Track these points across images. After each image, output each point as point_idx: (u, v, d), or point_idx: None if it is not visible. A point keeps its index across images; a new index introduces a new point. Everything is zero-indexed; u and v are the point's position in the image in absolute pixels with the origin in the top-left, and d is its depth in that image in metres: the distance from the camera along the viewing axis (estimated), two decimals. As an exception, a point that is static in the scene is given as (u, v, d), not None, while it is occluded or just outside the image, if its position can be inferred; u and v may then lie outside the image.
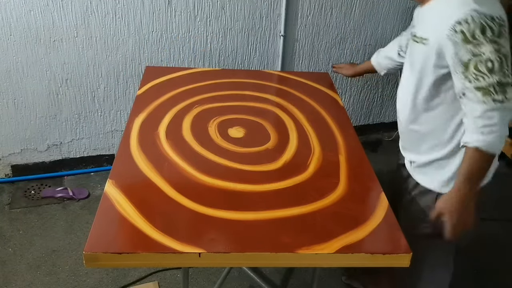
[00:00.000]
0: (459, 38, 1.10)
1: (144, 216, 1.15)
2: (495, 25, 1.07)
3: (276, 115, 1.69)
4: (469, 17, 1.08)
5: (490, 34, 1.07)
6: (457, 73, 1.13)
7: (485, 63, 1.08)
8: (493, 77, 1.08)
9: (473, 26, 1.07)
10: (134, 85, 2.45)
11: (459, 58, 1.11)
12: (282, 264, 1.41)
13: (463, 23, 1.08)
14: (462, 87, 1.14)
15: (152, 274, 1.99)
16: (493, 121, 1.10)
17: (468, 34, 1.08)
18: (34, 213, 2.29)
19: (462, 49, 1.10)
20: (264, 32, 2.53)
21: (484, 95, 1.09)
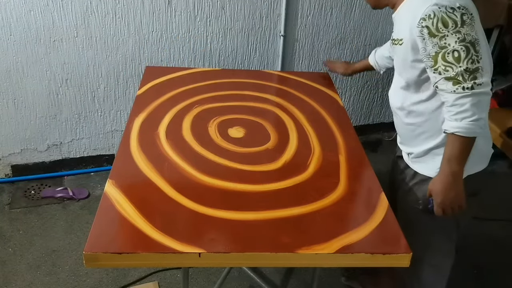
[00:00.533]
0: (425, 33, 1.16)
1: (144, 216, 1.15)
2: (456, 15, 1.12)
3: (276, 115, 1.69)
4: (431, 12, 1.13)
5: (452, 25, 1.12)
6: (428, 67, 1.20)
7: (452, 53, 1.13)
8: (461, 66, 1.13)
9: (435, 20, 1.13)
10: (134, 85, 2.45)
11: (428, 53, 1.18)
12: (282, 264, 1.41)
13: (427, 18, 1.14)
14: (434, 80, 1.20)
15: (152, 274, 1.99)
16: (464, 107, 1.15)
17: (432, 28, 1.14)
18: (34, 213, 2.29)
19: (429, 44, 1.16)
20: (264, 32, 2.53)
21: (454, 84, 1.15)
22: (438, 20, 1.13)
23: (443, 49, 1.15)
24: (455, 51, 1.13)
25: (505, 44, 2.38)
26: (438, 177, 1.27)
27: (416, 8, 1.19)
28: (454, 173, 1.22)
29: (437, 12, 1.13)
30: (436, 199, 1.27)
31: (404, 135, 1.48)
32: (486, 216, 2.38)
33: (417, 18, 1.17)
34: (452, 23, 1.13)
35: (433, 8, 1.14)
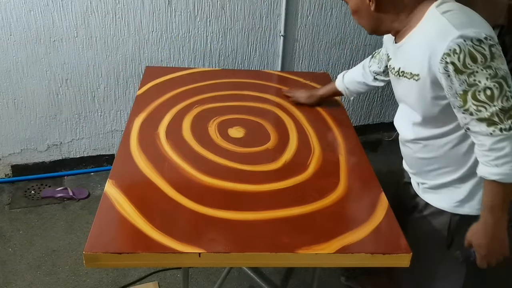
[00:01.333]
0: (450, 70, 1.02)
1: (144, 216, 1.15)
2: (485, 48, 0.99)
3: (276, 115, 1.69)
4: (456, 46, 0.99)
5: (482, 60, 0.99)
6: (456, 107, 1.06)
7: (484, 92, 1.00)
8: (495, 105, 1.00)
9: (462, 56, 0.99)
10: (134, 85, 2.45)
11: (455, 91, 1.04)
12: (282, 264, 1.41)
13: (452, 53, 1.00)
14: (464, 121, 1.07)
15: (152, 274, 2.00)
16: (505, 151, 1.02)
17: (459, 65, 1.00)
18: (34, 213, 2.29)
19: (455, 81, 1.02)
20: (264, 32, 2.53)
21: (490, 126, 1.02)
22: (465, 55, 0.99)
23: (472, 87, 1.00)
24: (487, 89, 1.00)
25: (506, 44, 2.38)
26: (480, 228, 1.14)
27: (434, 40, 1.04)
28: (497, 221, 1.11)
29: (463, 46, 0.98)
30: (481, 252, 1.16)
31: (416, 167, 1.34)
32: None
33: (439, 53, 1.02)
34: (481, 58, 0.99)
35: (458, 41, 0.99)
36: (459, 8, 1.08)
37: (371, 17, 1.17)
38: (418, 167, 1.32)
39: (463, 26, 1.00)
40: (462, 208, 1.24)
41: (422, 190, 1.34)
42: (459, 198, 1.24)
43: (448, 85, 1.04)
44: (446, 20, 1.03)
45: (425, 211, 1.32)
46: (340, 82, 1.67)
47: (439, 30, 1.04)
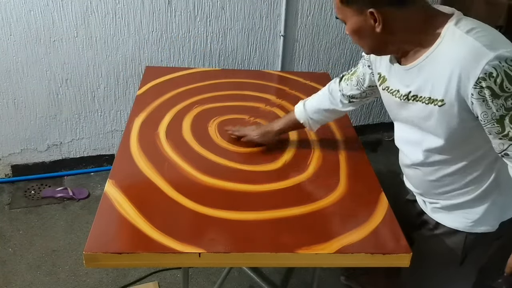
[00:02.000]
0: (487, 95, 0.93)
1: (144, 216, 1.15)
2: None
3: (276, 115, 1.69)
4: (493, 70, 0.91)
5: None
6: (493, 133, 0.99)
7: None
8: None
9: (499, 79, 0.91)
10: (134, 85, 2.45)
11: (491, 117, 0.96)
12: (282, 264, 1.41)
13: (488, 77, 0.91)
14: (501, 147, 1.00)
15: (152, 274, 1.99)
16: None
17: (496, 89, 0.92)
18: (34, 213, 2.29)
19: (492, 106, 0.94)
20: (264, 32, 2.53)
21: None
22: (503, 78, 0.91)
23: (511, 111, 0.94)
24: None
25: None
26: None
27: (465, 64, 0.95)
28: None
29: (499, 69, 0.90)
30: None
31: (424, 189, 1.24)
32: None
33: (472, 77, 0.93)
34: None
35: (494, 63, 0.90)
36: (480, 26, 0.99)
37: (375, 39, 1.04)
38: (427, 189, 1.23)
39: (495, 46, 0.92)
40: (479, 227, 1.18)
41: (432, 209, 1.25)
42: (475, 218, 1.17)
43: (483, 111, 0.96)
44: (474, 40, 0.94)
45: (436, 230, 1.25)
46: (301, 113, 1.45)
47: (469, 52, 0.94)
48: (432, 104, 1.04)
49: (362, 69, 1.33)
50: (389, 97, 1.17)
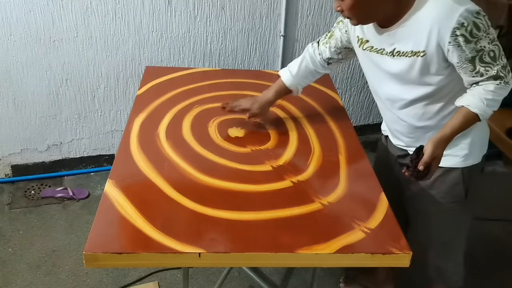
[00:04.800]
0: (461, 41, 1.15)
1: (144, 216, 1.15)
2: (482, 18, 1.15)
3: (276, 115, 1.69)
4: (464, 20, 1.13)
5: (483, 28, 1.15)
6: (468, 72, 1.20)
7: (488, 54, 1.17)
8: (498, 64, 1.19)
9: (470, 27, 1.14)
10: (134, 85, 2.45)
11: (465, 58, 1.18)
12: (282, 264, 1.41)
13: (461, 26, 1.14)
14: (473, 81, 1.22)
15: (152, 274, 1.99)
16: (499, 98, 1.22)
17: (468, 35, 1.15)
18: (34, 213, 2.29)
19: (466, 50, 1.16)
20: (264, 32, 2.53)
21: (497, 79, 1.19)
22: (472, 26, 1.14)
23: (480, 52, 1.17)
24: (491, 51, 1.17)
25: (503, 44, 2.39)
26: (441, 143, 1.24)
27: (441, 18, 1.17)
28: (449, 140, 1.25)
29: (468, 19, 1.13)
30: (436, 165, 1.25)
31: (414, 136, 1.43)
32: (486, 216, 2.38)
33: (448, 28, 1.15)
34: (482, 26, 1.15)
35: (465, 15, 1.13)
36: None
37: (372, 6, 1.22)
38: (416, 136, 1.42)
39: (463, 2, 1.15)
40: (469, 161, 1.38)
41: None
42: (464, 153, 1.37)
43: (459, 54, 1.17)
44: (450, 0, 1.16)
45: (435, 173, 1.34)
46: (290, 78, 1.57)
47: (444, 9, 1.16)
48: (415, 56, 1.24)
49: (339, 33, 1.48)
50: (372, 56, 1.35)
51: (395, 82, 1.34)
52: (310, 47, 1.57)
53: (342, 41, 1.48)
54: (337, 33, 1.49)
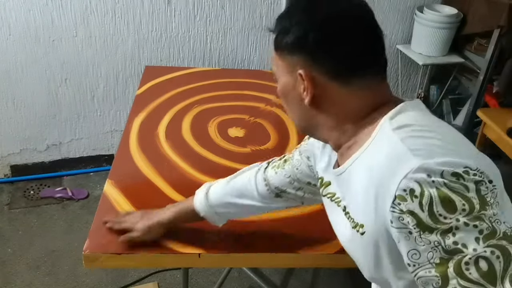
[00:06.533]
0: (410, 225, 0.60)
1: (144, 216, 1.15)
2: (468, 185, 0.58)
3: (276, 115, 1.69)
4: (415, 185, 0.59)
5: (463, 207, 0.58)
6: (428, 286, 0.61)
7: (475, 264, 0.57)
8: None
9: (427, 200, 0.58)
10: (133, 85, 2.45)
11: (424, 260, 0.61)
12: (282, 264, 1.40)
13: (408, 196, 0.60)
14: None
15: (152, 274, 1.99)
16: None
17: (423, 215, 0.59)
18: (33, 213, 2.28)
19: (421, 244, 0.60)
20: (264, 32, 2.53)
21: None
22: (433, 199, 0.58)
23: (454, 255, 0.58)
24: (482, 259, 0.57)
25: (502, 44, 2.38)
26: None
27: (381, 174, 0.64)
28: None
29: (427, 186, 0.58)
30: None
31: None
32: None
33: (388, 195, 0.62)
34: (462, 203, 0.58)
35: (417, 177, 0.59)
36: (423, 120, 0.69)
37: (302, 112, 0.77)
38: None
39: (428, 152, 0.62)
40: None
41: None
42: None
43: (412, 249, 0.61)
44: (399, 141, 0.64)
45: None
46: (202, 204, 1.05)
47: (388, 158, 0.64)
48: (355, 229, 0.73)
49: (298, 157, 0.98)
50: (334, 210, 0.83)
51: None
52: (253, 168, 1.06)
53: (301, 171, 0.97)
54: (295, 157, 0.99)
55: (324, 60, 0.71)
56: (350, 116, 0.74)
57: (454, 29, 2.46)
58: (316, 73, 0.72)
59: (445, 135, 0.66)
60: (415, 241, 0.60)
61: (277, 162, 1.03)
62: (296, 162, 0.98)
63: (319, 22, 0.71)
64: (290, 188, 0.99)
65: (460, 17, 2.44)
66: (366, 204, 0.68)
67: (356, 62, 0.72)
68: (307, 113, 0.76)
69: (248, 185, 1.02)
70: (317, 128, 0.78)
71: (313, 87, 0.72)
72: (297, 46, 0.73)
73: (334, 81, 0.72)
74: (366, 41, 0.72)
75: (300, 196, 1.00)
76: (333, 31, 0.71)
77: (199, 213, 1.05)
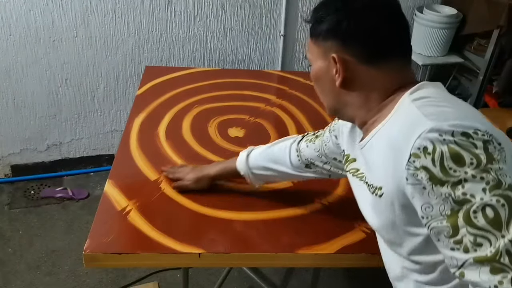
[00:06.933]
0: (423, 179, 0.67)
1: (144, 216, 1.15)
2: (476, 143, 0.65)
3: (276, 115, 1.69)
4: (428, 143, 0.67)
5: (471, 161, 0.64)
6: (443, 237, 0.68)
7: (482, 212, 0.63)
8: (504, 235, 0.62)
9: (438, 155, 0.66)
10: (134, 85, 2.45)
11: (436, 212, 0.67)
12: (282, 264, 1.41)
13: (422, 154, 0.67)
14: (453, 263, 0.67)
15: (152, 274, 1.99)
16: None
17: (435, 170, 0.66)
18: (33, 213, 2.28)
19: (433, 197, 0.67)
20: (264, 32, 2.53)
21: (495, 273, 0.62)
22: (444, 154, 0.65)
23: (463, 205, 0.64)
24: (488, 207, 0.63)
25: (502, 44, 2.38)
26: None
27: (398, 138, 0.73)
28: None
29: (439, 143, 0.66)
30: None
31: None
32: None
33: (404, 155, 0.69)
34: (470, 158, 0.64)
35: (430, 136, 0.67)
36: (440, 95, 0.78)
37: (333, 94, 0.87)
38: None
39: (441, 116, 0.69)
40: None
41: None
42: None
43: (425, 203, 0.69)
44: (415, 108, 0.73)
45: None
46: (243, 164, 1.21)
47: (404, 123, 0.73)
48: (375, 194, 0.81)
49: (328, 134, 1.10)
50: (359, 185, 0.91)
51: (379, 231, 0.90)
52: (289, 139, 1.19)
53: (329, 147, 1.09)
54: (326, 134, 1.11)
55: (355, 45, 0.81)
56: (376, 95, 0.83)
57: (454, 29, 2.46)
58: (348, 57, 0.81)
59: (460, 107, 0.75)
60: (428, 195, 0.68)
61: (310, 136, 1.16)
62: (325, 139, 1.10)
63: (351, 12, 0.80)
64: (318, 161, 1.12)
65: (460, 17, 2.44)
66: (384, 168, 0.77)
67: (384, 48, 0.81)
68: (338, 94, 0.86)
69: (283, 154, 1.16)
70: (346, 107, 0.87)
71: (345, 70, 0.82)
72: (330, 34, 0.82)
73: (363, 65, 0.81)
74: (393, 29, 0.81)
75: (327, 169, 1.12)
76: (364, 20, 0.80)
77: (240, 171, 1.22)
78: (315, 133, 1.16)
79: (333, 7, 0.82)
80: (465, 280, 0.66)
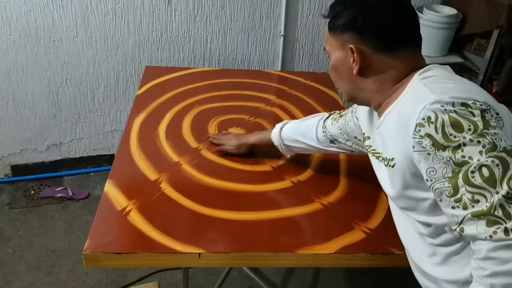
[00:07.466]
0: (427, 146, 0.76)
1: (144, 216, 1.15)
2: (474, 112, 0.74)
3: (276, 115, 1.69)
4: (431, 113, 0.76)
5: (469, 127, 0.73)
6: (443, 199, 0.77)
7: (479, 171, 0.72)
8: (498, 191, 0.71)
9: (440, 124, 0.75)
10: (134, 85, 2.45)
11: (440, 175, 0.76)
12: (282, 264, 1.41)
13: (426, 123, 0.76)
14: (455, 220, 0.75)
15: (152, 274, 1.99)
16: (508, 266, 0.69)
17: (438, 137, 0.75)
18: (33, 213, 2.28)
19: (437, 161, 0.76)
20: (264, 32, 2.53)
21: (490, 225, 0.71)
22: (444, 122, 0.74)
23: (463, 166, 0.73)
24: (484, 167, 0.72)
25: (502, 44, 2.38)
26: None
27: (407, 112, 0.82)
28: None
29: (440, 113, 0.75)
30: None
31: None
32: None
33: (411, 125, 0.79)
34: (468, 124, 0.73)
35: (433, 107, 0.76)
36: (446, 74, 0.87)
37: (351, 81, 0.96)
38: None
39: (444, 90, 0.79)
40: None
41: None
42: None
43: (430, 167, 0.78)
44: (423, 85, 0.83)
45: None
46: (276, 135, 1.35)
47: (412, 99, 0.83)
48: (389, 166, 0.90)
49: (350, 115, 1.20)
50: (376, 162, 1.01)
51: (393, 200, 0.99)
52: (318, 116, 1.31)
53: (350, 126, 1.20)
54: (348, 114, 1.21)
55: (370, 37, 0.90)
56: (390, 80, 0.92)
57: (454, 29, 2.46)
58: (364, 48, 0.91)
59: (463, 83, 0.84)
60: (433, 160, 0.77)
61: (335, 115, 1.26)
62: (348, 118, 1.20)
63: (365, 8, 0.90)
64: (341, 138, 1.23)
65: (460, 18, 2.44)
66: (395, 141, 0.86)
67: (396, 39, 0.90)
68: (354, 81, 0.96)
69: (311, 129, 1.28)
70: (362, 92, 0.97)
71: (361, 59, 0.91)
72: (347, 27, 0.91)
73: (378, 53, 0.91)
74: (404, 22, 0.91)
75: (349, 145, 1.23)
76: (377, 15, 0.90)
77: (274, 142, 1.35)
78: (340, 113, 1.26)
79: (350, 3, 0.91)
80: (465, 234, 0.74)
